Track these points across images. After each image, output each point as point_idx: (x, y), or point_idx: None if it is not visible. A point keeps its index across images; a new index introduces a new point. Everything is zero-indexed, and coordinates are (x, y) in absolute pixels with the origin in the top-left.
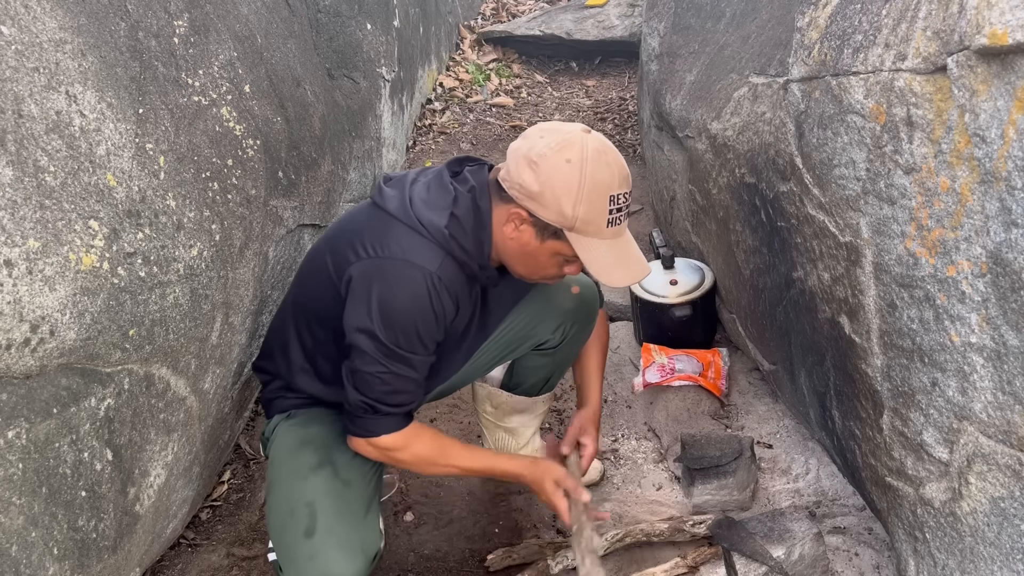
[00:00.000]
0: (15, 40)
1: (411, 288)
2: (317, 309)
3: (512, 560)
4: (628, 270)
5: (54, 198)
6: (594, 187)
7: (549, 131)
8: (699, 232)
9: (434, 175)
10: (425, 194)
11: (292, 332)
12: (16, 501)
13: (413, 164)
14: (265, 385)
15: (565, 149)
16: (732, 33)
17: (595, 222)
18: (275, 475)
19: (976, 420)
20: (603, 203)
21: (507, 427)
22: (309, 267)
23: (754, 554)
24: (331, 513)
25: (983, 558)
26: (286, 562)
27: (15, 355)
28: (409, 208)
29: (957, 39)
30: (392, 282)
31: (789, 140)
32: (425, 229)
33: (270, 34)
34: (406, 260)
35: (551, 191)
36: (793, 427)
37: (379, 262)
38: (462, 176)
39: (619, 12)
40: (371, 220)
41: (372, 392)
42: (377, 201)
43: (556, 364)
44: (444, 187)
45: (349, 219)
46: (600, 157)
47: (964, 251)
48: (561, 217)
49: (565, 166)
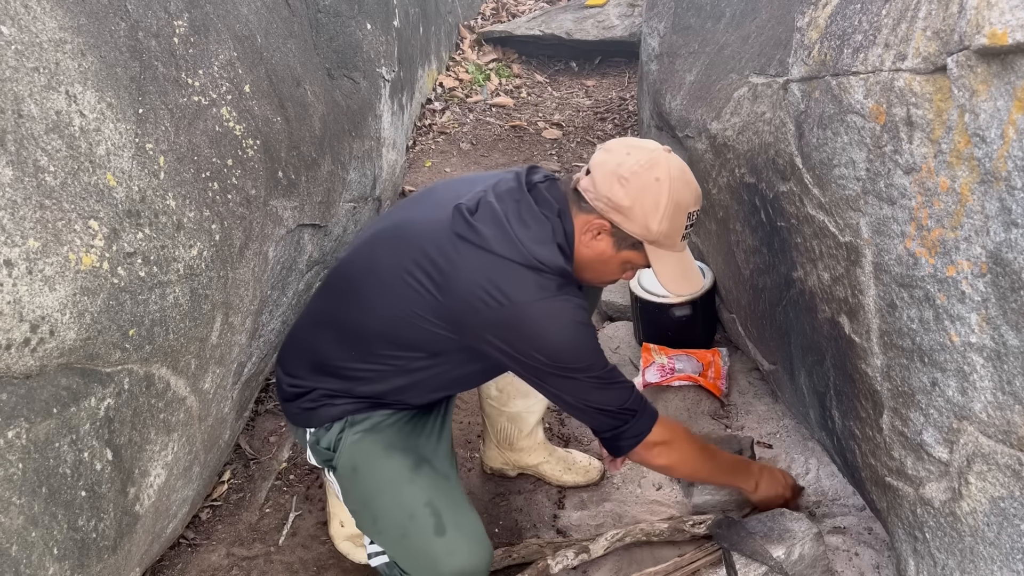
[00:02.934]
0: (15, 40)
1: (564, 317)
2: (400, 336)
3: (512, 560)
4: (690, 281)
5: (54, 198)
6: (677, 205)
7: (634, 147)
8: (699, 232)
9: (522, 203)
10: (527, 230)
11: (347, 351)
12: (16, 501)
13: (413, 164)
14: (298, 396)
15: (654, 168)
16: (732, 33)
17: (673, 237)
18: (370, 484)
19: (976, 420)
20: (682, 220)
21: (510, 413)
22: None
23: (754, 554)
24: (452, 509)
25: (983, 558)
26: (418, 564)
27: (15, 355)
28: (523, 249)
29: (957, 39)
30: (546, 322)
31: (789, 140)
32: (547, 268)
33: (270, 34)
34: (545, 299)
35: (640, 207)
36: (793, 427)
37: (521, 309)
38: (540, 196)
39: (619, 12)
40: (481, 264)
41: (614, 403)
42: (475, 241)
43: None
44: (538, 218)
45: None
46: (682, 176)
47: (964, 251)
48: (646, 231)
49: (655, 184)
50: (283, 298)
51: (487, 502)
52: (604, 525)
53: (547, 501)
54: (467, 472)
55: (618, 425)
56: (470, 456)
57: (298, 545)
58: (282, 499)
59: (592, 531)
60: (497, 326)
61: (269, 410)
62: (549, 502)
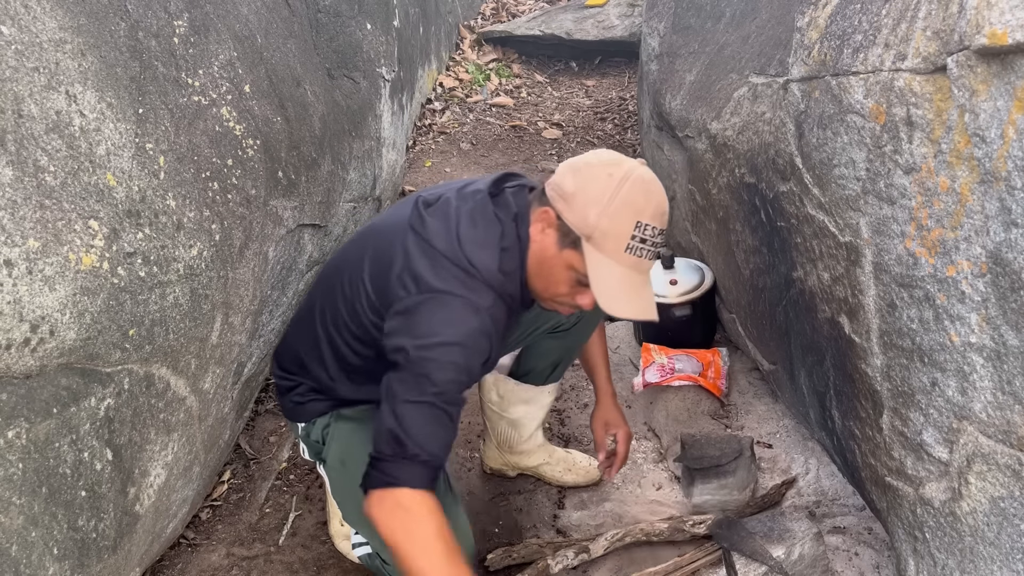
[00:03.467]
0: (15, 40)
1: (461, 327)
2: (357, 331)
3: (512, 560)
4: (633, 304)
5: (54, 198)
6: (624, 204)
7: (607, 153)
8: (699, 232)
9: (478, 204)
10: (472, 231)
11: (327, 348)
12: (16, 501)
13: (413, 164)
14: (289, 390)
15: (612, 166)
16: (732, 33)
17: (613, 240)
18: (356, 473)
19: (976, 420)
20: (628, 223)
21: (510, 418)
22: (344, 285)
23: (754, 554)
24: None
25: (983, 558)
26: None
27: (15, 355)
28: (459, 248)
29: (957, 39)
30: (441, 320)
31: (789, 140)
32: (477, 271)
33: (270, 34)
34: (460, 296)
35: (583, 195)
36: (793, 427)
37: (432, 296)
38: (503, 199)
39: (619, 12)
40: (417, 253)
41: (410, 427)
42: (420, 231)
43: (565, 348)
44: (489, 219)
45: (389, 244)
46: (643, 184)
47: (964, 251)
48: (582, 222)
49: (604, 177)
50: (283, 298)
51: (487, 502)
52: (604, 525)
53: (547, 501)
54: (467, 472)
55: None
56: (470, 456)
57: (298, 545)
58: (282, 499)
59: (592, 531)
60: (399, 312)
61: (269, 410)
62: (549, 502)
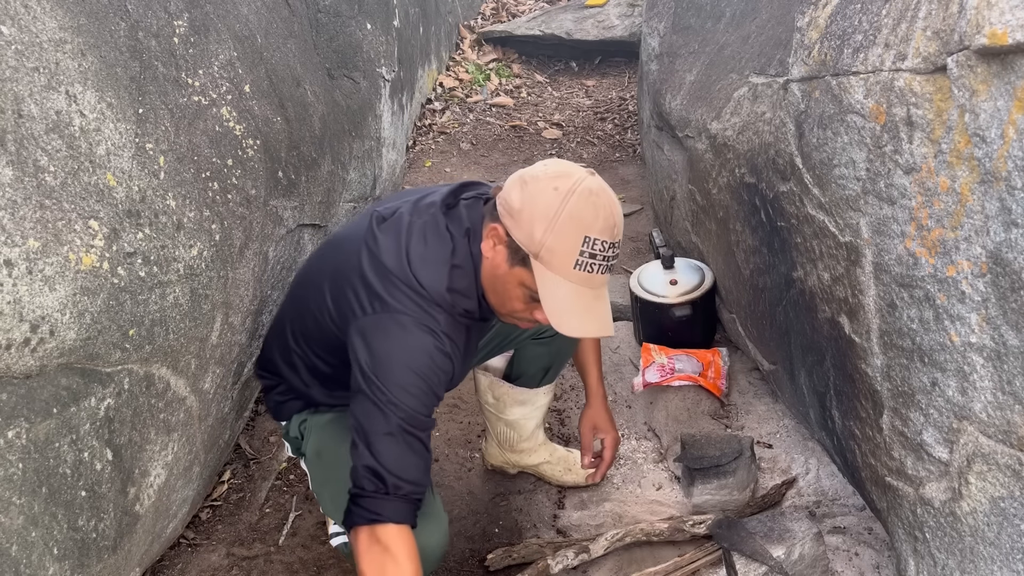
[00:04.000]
0: (15, 40)
1: (414, 338)
2: (322, 341)
3: (512, 560)
4: (584, 321)
5: (54, 198)
6: (570, 219)
7: (555, 163)
8: (699, 232)
9: (430, 220)
10: (422, 248)
11: (299, 359)
12: (16, 501)
13: (413, 164)
14: (271, 389)
15: (558, 179)
16: (732, 33)
17: (560, 256)
18: (331, 463)
19: (976, 420)
20: (575, 239)
21: (508, 420)
22: (308, 298)
23: (754, 554)
24: None
25: (983, 558)
26: None
27: (15, 355)
28: (407, 267)
29: (957, 39)
30: (393, 332)
31: (789, 140)
32: (426, 291)
33: (270, 34)
34: (406, 314)
35: (529, 211)
36: (793, 427)
37: (378, 317)
38: (456, 213)
39: (619, 12)
40: (370, 271)
41: (387, 462)
42: (372, 249)
43: (554, 353)
44: (440, 236)
45: (345, 260)
46: (589, 197)
47: (964, 251)
48: (529, 240)
49: (550, 192)
50: (283, 298)
51: (487, 502)
52: (604, 525)
53: (547, 501)
54: (467, 472)
55: (371, 492)
56: (470, 456)
57: (298, 545)
58: (282, 499)
59: (592, 531)
60: (355, 333)
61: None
62: (549, 502)
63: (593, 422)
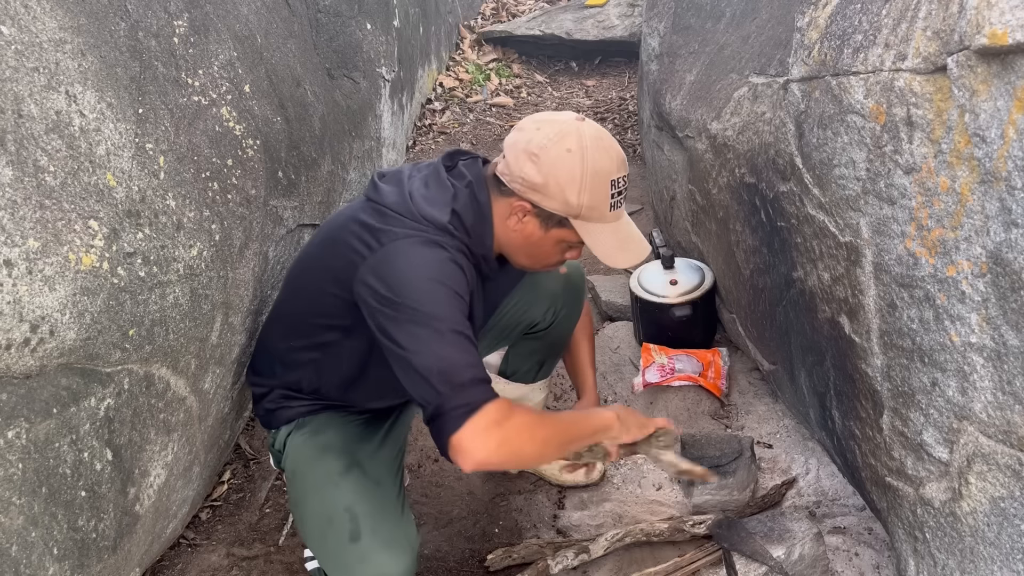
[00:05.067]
0: (15, 40)
1: (429, 254)
2: (322, 315)
3: (512, 560)
4: (630, 251)
5: (54, 198)
6: (596, 174)
7: (544, 122)
8: (699, 232)
9: (430, 170)
10: (424, 190)
11: (294, 342)
12: (16, 501)
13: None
14: (262, 397)
15: (564, 139)
16: (732, 33)
17: (599, 208)
18: (302, 486)
19: (976, 420)
20: (605, 189)
21: None
22: (305, 276)
23: (754, 554)
24: (371, 514)
25: (983, 558)
26: (334, 569)
27: (15, 355)
28: (410, 203)
29: (957, 39)
30: (407, 254)
31: (789, 140)
32: (429, 224)
33: (270, 34)
34: (415, 237)
35: (555, 181)
36: (793, 427)
37: (390, 247)
38: (457, 171)
39: (619, 12)
40: (371, 216)
41: (447, 360)
42: (373, 197)
43: (547, 348)
44: (442, 183)
45: (344, 222)
46: (598, 144)
47: (964, 251)
48: (566, 206)
49: (567, 156)
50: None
51: (487, 502)
52: (604, 525)
53: (547, 501)
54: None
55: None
56: None
57: (298, 545)
58: (282, 499)
59: (592, 531)
60: (366, 272)
61: None
62: (549, 502)
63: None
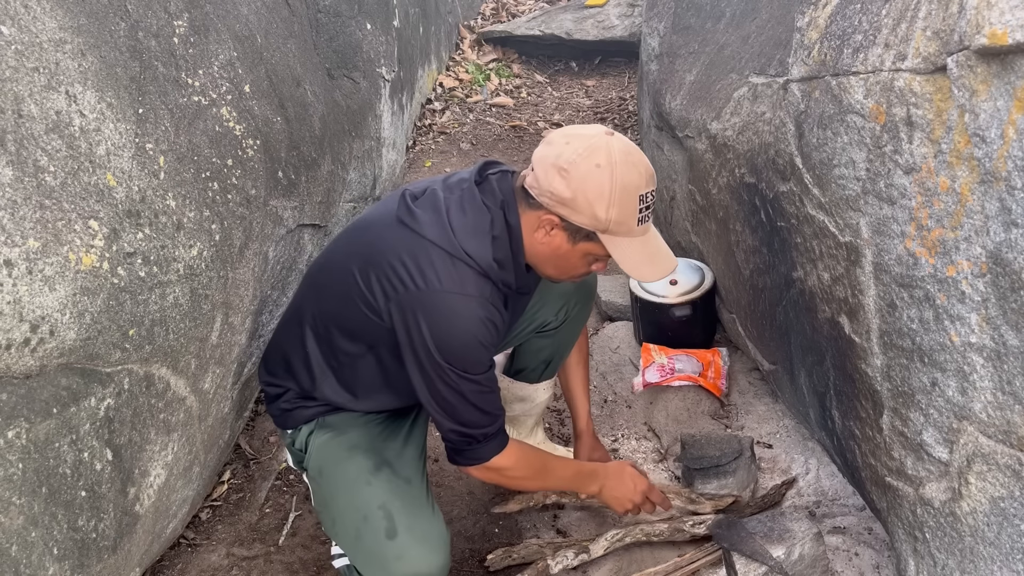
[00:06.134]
0: (15, 40)
1: (469, 315)
2: (346, 324)
3: (512, 560)
4: (657, 265)
5: (54, 198)
6: (624, 189)
7: (574, 136)
8: (699, 232)
9: (465, 192)
10: (463, 219)
11: (314, 345)
12: (16, 501)
13: (413, 164)
14: (277, 397)
15: (593, 154)
16: (732, 33)
17: (626, 223)
18: (331, 485)
19: (976, 420)
20: (633, 204)
21: (508, 416)
22: (332, 280)
23: (754, 554)
24: (406, 512)
25: (983, 558)
26: (370, 566)
27: (15, 355)
28: (453, 238)
29: (957, 39)
30: (449, 315)
31: (789, 140)
32: (474, 261)
33: (270, 34)
34: (458, 293)
35: (583, 196)
36: (793, 427)
37: (431, 296)
38: (488, 187)
39: (619, 12)
40: (409, 245)
41: (465, 420)
42: (410, 224)
43: (556, 346)
44: (478, 207)
45: (378, 237)
46: (627, 159)
47: (964, 251)
48: (595, 221)
49: (596, 171)
50: (283, 298)
51: (487, 502)
52: (604, 525)
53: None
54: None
55: (464, 442)
56: None
57: (298, 545)
58: (282, 499)
59: (592, 531)
60: (405, 308)
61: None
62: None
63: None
